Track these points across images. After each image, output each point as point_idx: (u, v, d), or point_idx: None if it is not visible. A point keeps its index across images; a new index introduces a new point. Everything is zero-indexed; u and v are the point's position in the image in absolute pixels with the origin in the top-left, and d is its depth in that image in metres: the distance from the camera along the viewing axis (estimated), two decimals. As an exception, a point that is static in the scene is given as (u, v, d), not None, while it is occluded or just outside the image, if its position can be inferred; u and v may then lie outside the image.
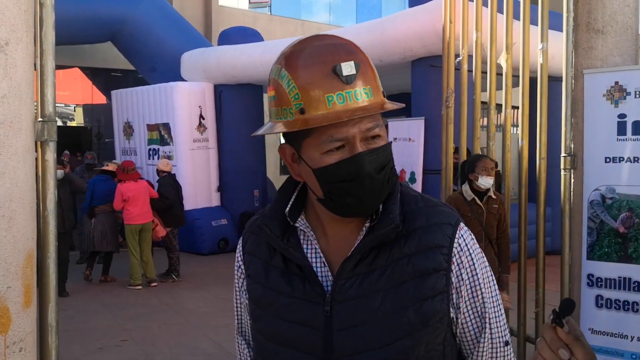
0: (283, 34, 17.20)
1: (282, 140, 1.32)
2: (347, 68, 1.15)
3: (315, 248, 1.27)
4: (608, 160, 3.96)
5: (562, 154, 4.19)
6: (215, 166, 11.62)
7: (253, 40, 11.78)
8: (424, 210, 1.27)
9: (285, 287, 1.27)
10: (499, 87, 5.27)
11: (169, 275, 8.89)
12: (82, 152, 12.66)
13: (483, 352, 1.29)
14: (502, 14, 5.18)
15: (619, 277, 3.86)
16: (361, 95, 1.16)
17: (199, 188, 11.22)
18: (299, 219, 1.29)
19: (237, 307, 1.45)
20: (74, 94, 16.94)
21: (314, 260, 1.27)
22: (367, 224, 1.25)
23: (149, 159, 11.64)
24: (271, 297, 1.29)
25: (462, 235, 1.27)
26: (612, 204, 3.95)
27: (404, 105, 1.28)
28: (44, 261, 2.39)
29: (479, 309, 1.27)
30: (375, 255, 1.23)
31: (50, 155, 2.38)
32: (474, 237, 1.31)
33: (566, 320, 0.98)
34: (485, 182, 4.70)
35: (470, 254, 1.27)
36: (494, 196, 4.78)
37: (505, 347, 1.31)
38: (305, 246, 1.28)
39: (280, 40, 11.66)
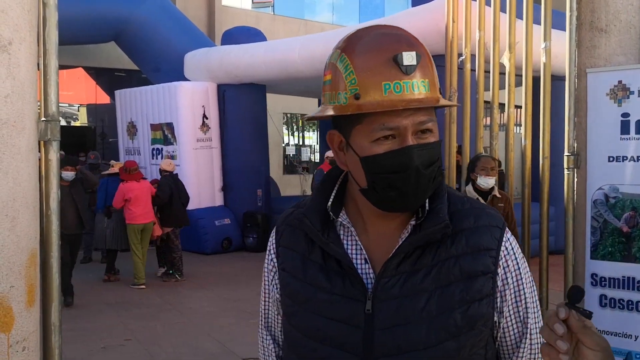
0: (286, 33, 17.20)
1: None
2: (408, 58, 1.13)
3: (357, 244, 1.25)
4: (611, 159, 3.95)
5: (566, 153, 4.18)
6: (219, 166, 11.63)
7: (256, 40, 11.79)
8: (471, 212, 1.25)
9: (324, 282, 1.24)
10: (502, 87, 5.26)
11: (172, 274, 8.90)
12: (85, 152, 12.69)
13: (522, 357, 1.27)
14: (505, 13, 5.17)
15: (622, 277, 3.85)
16: (418, 88, 1.15)
17: (202, 188, 11.23)
18: (341, 214, 1.27)
19: (264, 300, 1.43)
20: (77, 94, 16.99)
21: (354, 256, 1.24)
22: (413, 222, 1.23)
23: (153, 158, 11.66)
24: (309, 293, 1.26)
25: (508, 239, 1.25)
26: (616, 203, 3.94)
27: (459, 104, 1.26)
28: (47, 260, 2.39)
29: (521, 314, 1.26)
30: (419, 255, 1.21)
31: (54, 154, 2.38)
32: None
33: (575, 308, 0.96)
34: (485, 182, 4.69)
35: (516, 258, 1.25)
36: (498, 195, 4.77)
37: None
38: (345, 242, 1.26)
39: (283, 40, 11.67)
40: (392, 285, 1.20)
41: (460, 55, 5.75)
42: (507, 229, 1.27)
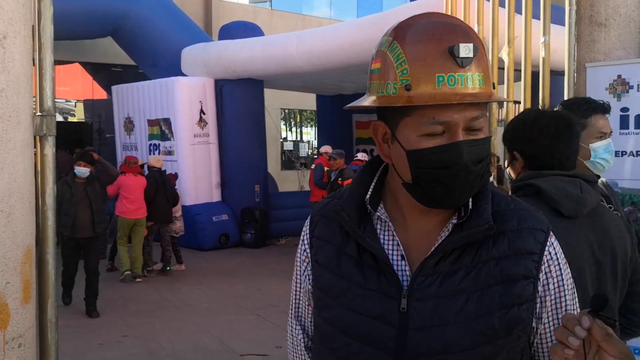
0: (283, 28, 17.16)
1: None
2: (465, 50, 1.08)
3: (395, 240, 1.22)
4: (611, 154, 3.94)
5: (565, 148, 4.17)
6: (216, 161, 11.60)
7: (253, 35, 11.76)
8: (515, 213, 1.21)
9: (359, 277, 1.21)
10: (500, 82, 5.24)
11: (165, 269, 9.02)
12: (82, 148, 12.64)
13: None
14: (504, 7, 5.14)
15: (621, 272, 3.85)
16: (473, 82, 1.10)
17: (200, 183, 11.21)
18: (379, 207, 1.24)
19: (296, 290, 1.40)
20: (74, 90, 16.94)
21: (391, 252, 1.21)
22: (454, 221, 1.19)
23: (150, 154, 11.62)
24: (343, 287, 1.22)
25: (552, 244, 1.21)
26: (615, 198, 3.93)
27: (512, 100, 1.21)
28: (43, 257, 2.38)
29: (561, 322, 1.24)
30: (459, 255, 1.17)
31: (49, 149, 2.36)
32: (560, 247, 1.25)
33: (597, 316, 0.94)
34: None
35: (559, 264, 1.21)
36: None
37: None
38: (382, 237, 1.22)
39: (280, 35, 11.64)
40: (429, 285, 1.17)
41: (458, 50, 5.73)
42: (551, 232, 1.22)
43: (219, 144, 11.59)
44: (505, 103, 5.14)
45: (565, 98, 4.14)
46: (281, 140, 19.65)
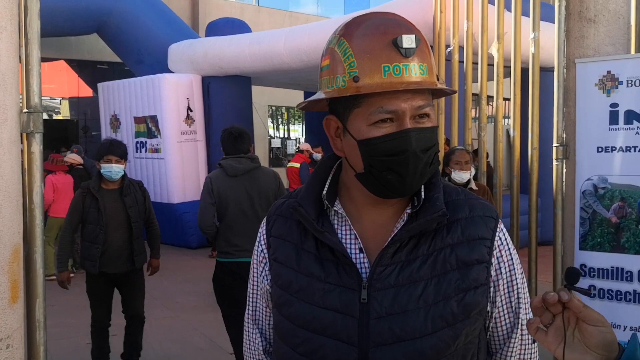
0: (271, 25, 17.11)
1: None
2: (408, 41, 1.14)
3: (352, 233, 1.25)
4: (600, 149, 3.95)
5: (554, 144, 4.17)
6: (204, 159, 11.54)
7: (241, 32, 11.69)
8: (465, 202, 1.27)
9: (319, 272, 1.24)
10: (490, 78, 5.25)
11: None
12: (67, 146, 12.53)
13: (513, 348, 1.29)
14: (493, 4, 5.15)
15: (611, 267, 3.86)
16: (417, 71, 1.16)
17: (188, 181, 11.14)
18: (335, 203, 1.27)
19: (253, 293, 1.41)
20: (59, 87, 16.78)
21: (349, 245, 1.24)
22: (408, 211, 1.23)
23: (137, 152, 11.54)
24: (303, 282, 1.25)
25: (502, 229, 1.28)
26: (605, 194, 3.94)
27: (456, 91, 1.28)
28: (31, 256, 2.34)
29: (514, 305, 1.27)
30: (415, 244, 1.22)
31: (37, 147, 2.33)
32: None
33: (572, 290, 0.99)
34: (459, 176, 4.63)
35: (509, 249, 1.28)
36: (475, 187, 4.71)
37: (533, 345, 1.31)
38: (340, 231, 1.26)
39: (268, 31, 11.59)
40: (388, 275, 1.20)
41: (448, 46, 5.73)
42: (500, 220, 1.29)
43: (206, 142, 11.53)
44: (495, 100, 5.14)
45: (555, 94, 4.15)
46: (269, 137, 19.60)
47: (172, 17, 12.54)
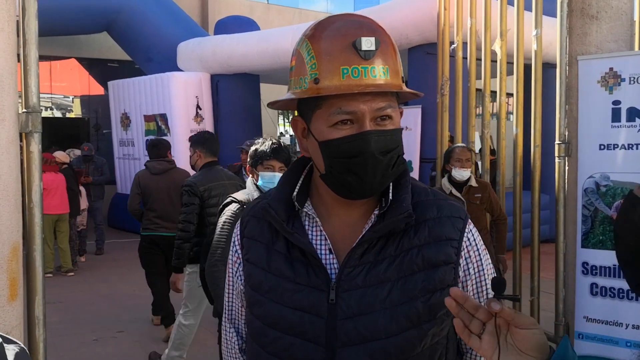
0: (280, 23, 17.11)
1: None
2: (367, 43, 1.14)
3: (322, 234, 1.25)
4: (602, 147, 3.94)
5: (557, 142, 4.16)
6: (213, 156, 11.58)
7: (250, 30, 11.72)
8: (434, 203, 1.27)
9: (288, 272, 1.25)
10: (493, 75, 5.24)
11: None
12: (79, 144, 12.62)
13: None
14: (497, 0, 5.14)
15: (613, 265, 3.84)
16: (378, 73, 1.16)
17: (197, 178, 11.18)
18: (306, 204, 1.28)
19: (229, 293, 1.43)
20: (71, 85, 16.89)
21: (319, 246, 1.25)
22: (376, 212, 1.23)
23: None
24: (273, 282, 1.26)
25: (470, 230, 1.27)
26: (607, 191, 3.93)
27: (422, 94, 1.28)
28: (31, 254, 2.37)
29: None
30: (383, 245, 1.22)
31: (35, 146, 2.36)
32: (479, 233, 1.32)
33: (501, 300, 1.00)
34: (459, 174, 4.60)
35: (477, 250, 1.27)
36: (475, 185, 4.67)
37: None
38: (310, 232, 1.26)
39: (276, 29, 11.60)
40: (356, 275, 1.21)
41: (452, 43, 5.72)
42: (469, 220, 1.28)
43: (215, 139, 11.56)
44: (498, 97, 5.14)
45: (557, 91, 4.14)
46: (279, 134, 19.62)
47: (182, 15, 12.59)
